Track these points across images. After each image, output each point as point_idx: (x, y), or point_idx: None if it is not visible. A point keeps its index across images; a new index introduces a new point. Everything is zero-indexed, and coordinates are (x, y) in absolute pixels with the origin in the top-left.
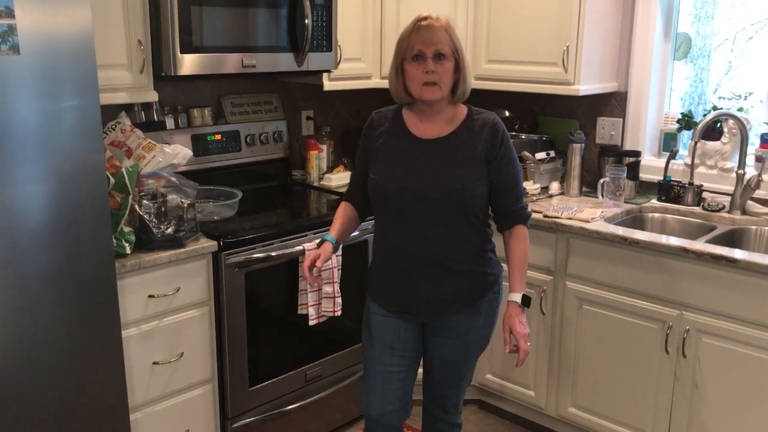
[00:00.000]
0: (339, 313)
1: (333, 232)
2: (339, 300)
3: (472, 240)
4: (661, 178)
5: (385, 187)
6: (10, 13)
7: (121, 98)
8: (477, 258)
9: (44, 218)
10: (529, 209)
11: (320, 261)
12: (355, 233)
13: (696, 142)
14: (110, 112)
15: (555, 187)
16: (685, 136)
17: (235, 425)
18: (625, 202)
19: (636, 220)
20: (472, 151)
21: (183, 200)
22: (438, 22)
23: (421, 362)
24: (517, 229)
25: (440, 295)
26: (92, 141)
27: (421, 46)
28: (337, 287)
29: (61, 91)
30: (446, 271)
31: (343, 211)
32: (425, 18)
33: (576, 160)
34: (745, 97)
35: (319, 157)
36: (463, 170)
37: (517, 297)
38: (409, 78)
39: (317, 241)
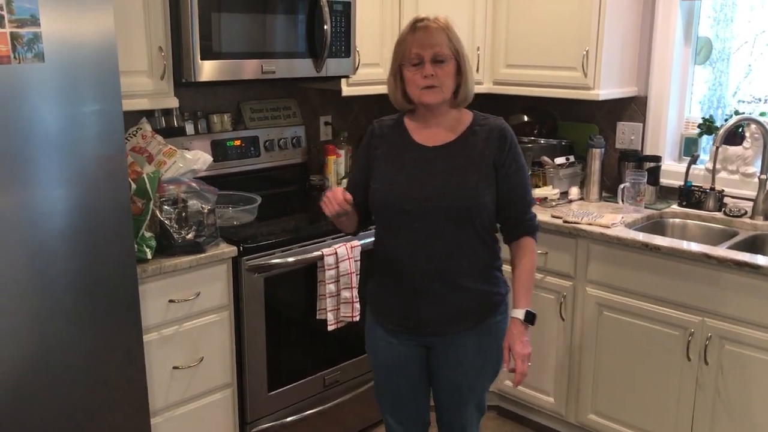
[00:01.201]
0: (358, 318)
1: None
2: (357, 305)
3: (479, 253)
4: (682, 183)
5: (389, 198)
6: (35, 22)
7: (142, 104)
8: (483, 274)
9: (66, 223)
10: (538, 221)
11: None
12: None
13: (718, 147)
14: (131, 118)
15: (574, 192)
16: (705, 140)
17: (254, 430)
18: (646, 207)
19: (657, 226)
20: (480, 157)
21: (203, 206)
22: (436, 23)
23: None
24: (525, 241)
25: (443, 314)
26: (114, 146)
27: (419, 49)
28: (355, 292)
29: (84, 97)
30: (450, 286)
31: None
32: (422, 20)
33: (596, 165)
34: (765, 100)
35: (337, 162)
36: (472, 177)
37: (519, 313)
38: (408, 83)
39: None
